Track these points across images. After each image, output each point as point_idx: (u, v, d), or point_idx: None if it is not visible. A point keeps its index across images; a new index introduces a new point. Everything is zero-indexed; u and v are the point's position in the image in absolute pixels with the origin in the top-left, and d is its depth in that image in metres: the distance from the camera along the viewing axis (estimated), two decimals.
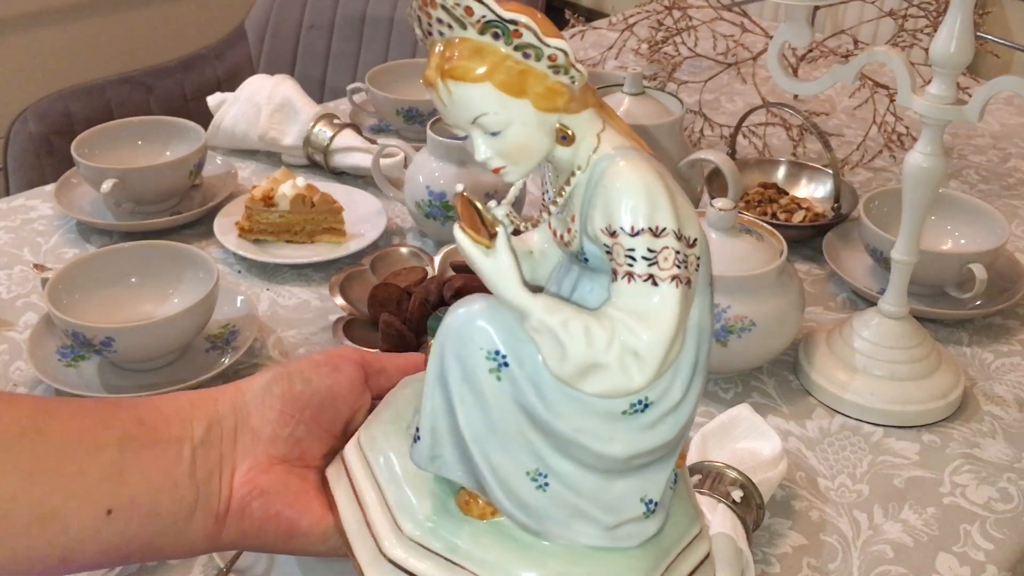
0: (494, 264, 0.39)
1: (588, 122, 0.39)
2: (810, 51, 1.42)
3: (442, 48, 0.38)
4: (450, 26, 0.37)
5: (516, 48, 0.37)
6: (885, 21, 1.43)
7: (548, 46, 0.37)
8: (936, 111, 0.75)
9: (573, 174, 0.39)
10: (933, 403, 0.83)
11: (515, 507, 0.41)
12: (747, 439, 0.74)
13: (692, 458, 0.72)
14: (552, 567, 0.41)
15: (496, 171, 0.39)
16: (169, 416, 0.47)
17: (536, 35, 0.36)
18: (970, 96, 0.75)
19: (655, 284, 0.37)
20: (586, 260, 0.40)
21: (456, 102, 0.38)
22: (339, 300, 0.89)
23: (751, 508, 0.68)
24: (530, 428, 0.40)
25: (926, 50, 0.90)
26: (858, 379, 0.84)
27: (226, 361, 0.85)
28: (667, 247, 0.37)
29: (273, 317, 0.94)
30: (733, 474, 0.69)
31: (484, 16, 0.36)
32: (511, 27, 0.36)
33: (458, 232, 0.39)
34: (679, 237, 0.38)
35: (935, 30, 0.90)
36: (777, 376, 0.88)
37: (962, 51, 0.73)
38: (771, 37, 0.95)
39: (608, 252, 0.38)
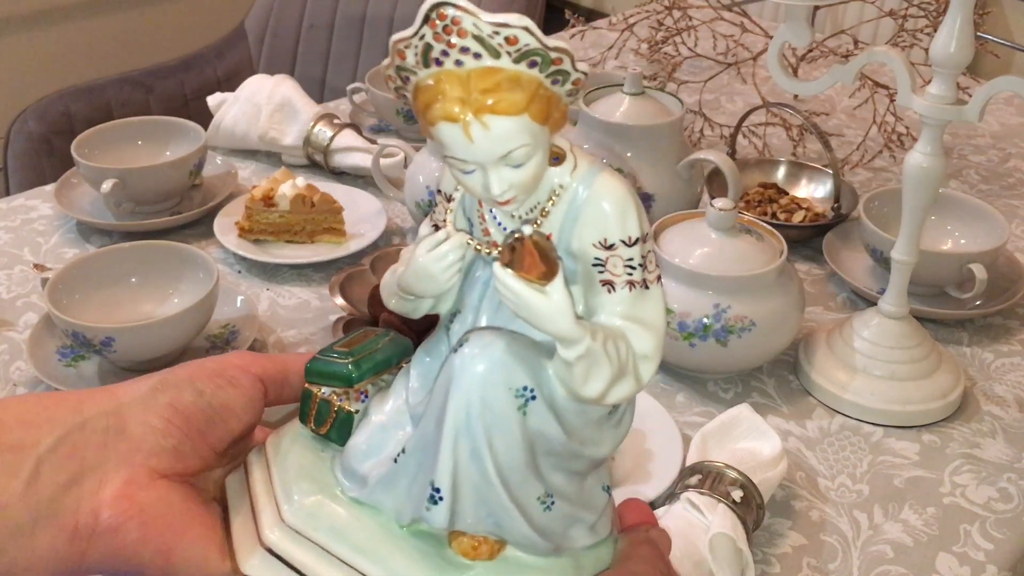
0: (550, 303, 0.37)
1: (562, 140, 0.39)
2: (810, 51, 1.42)
3: (466, 79, 0.35)
4: (477, 55, 0.34)
5: (549, 75, 0.35)
6: (885, 21, 1.43)
7: (577, 71, 0.36)
8: (936, 111, 0.75)
9: (556, 193, 0.39)
10: (933, 403, 0.83)
11: (536, 534, 0.40)
12: (747, 439, 0.74)
13: (692, 458, 0.73)
14: None
15: (506, 203, 0.37)
16: (6, 419, 0.40)
17: (572, 61, 0.35)
18: (970, 96, 0.75)
19: (647, 287, 0.39)
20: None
21: (493, 137, 0.35)
22: (339, 300, 0.89)
23: (751, 508, 0.68)
24: (540, 453, 0.40)
25: (926, 50, 0.90)
26: (858, 379, 0.84)
27: None
28: (650, 251, 0.39)
29: (273, 317, 0.95)
30: (733, 474, 0.69)
31: (527, 45, 0.34)
32: (553, 55, 0.35)
33: (508, 277, 0.36)
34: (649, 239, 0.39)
35: (935, 30, 0.90)
36: (777, 376, 0.88)
37: (962, 51, 0.73)
38: (771, 37, 0.95)
39: (598, 265, 0.39)
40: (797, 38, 0.77)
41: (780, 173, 1.16)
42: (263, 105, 1.20)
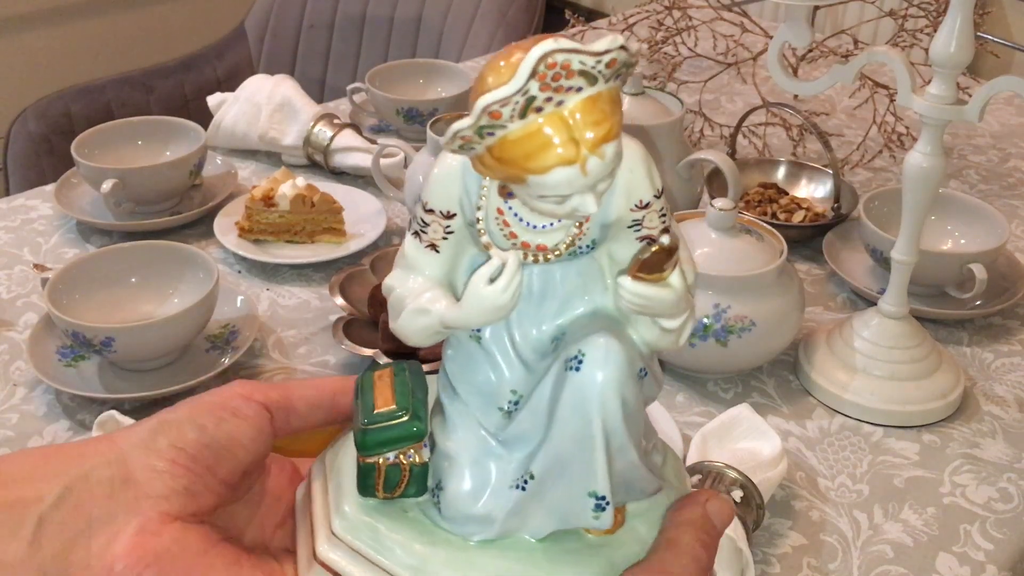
0: (674, 292, 0.38)
1: None
2: (810, 51, 1.42)
3: (568, 117, 0.33)
4: (579, 89, 0.33)
5: (624, 79, 0.35)
6: (885, 21, 1.43)
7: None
8: (936, 111, 0.75)
9: None
10: (933, 403, 0.83)
11: (658, 481, 0.42)
12: (747, 439, 0.74)
13: (692, 458, 0.73)
14: None
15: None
16: (6, 475, 0.39)
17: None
18: (970, 96, 0.75)
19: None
20: (591, 248, 0.40)
21: (608, 164, 0.34)
22: (339, 300, 0.89)
23: (751, 508, 0.68)
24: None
25: (926, 50, 0.90)
26: (858, 379, 0.84)
27: (226, 361, 0.85)
28: None
29: (273, 317, 0.95)
30: (733, 474, 0.69)
31: (621, 62, 0.33)
32: (632, 60, 0.34)
33: (639, 287, 0.38)
34: None
35: (935, 30, 0.90)
36: (777, 376, 0.88)
37: (962, 51, 0.73)
38: (771, 37, 0.95)
39: (635, 225, 0.39)
40: (797, 38, 0.77)
41: (780, 173, 1.16)
42: (263, 105, 1.20)
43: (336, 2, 1.89)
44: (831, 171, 1.09)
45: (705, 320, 0.81)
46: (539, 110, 0.33)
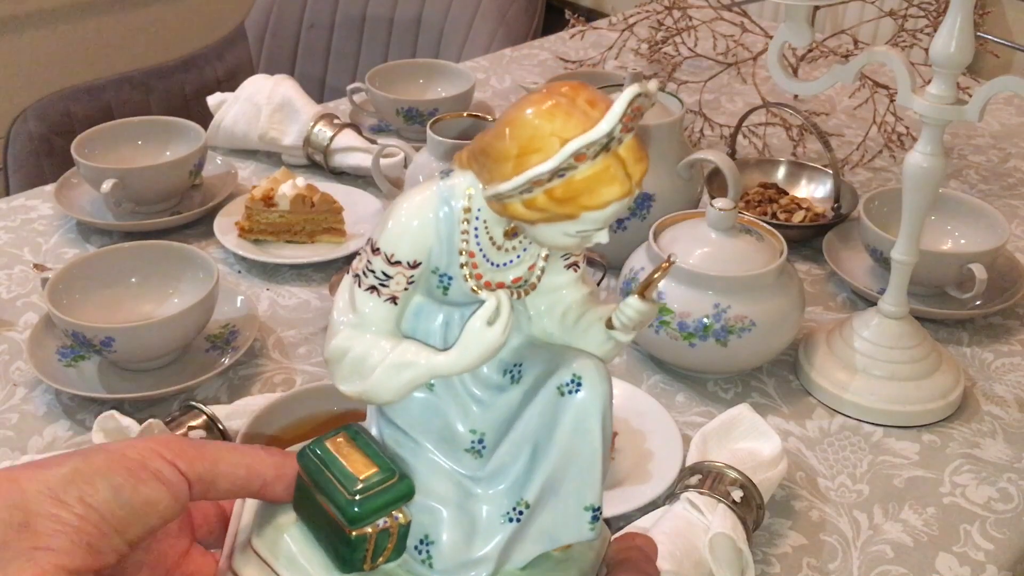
0: (656, 306, 0.42)
1: None
2: (810, 51, 1.42)
3: (620, 154, 0.36)
4: (632, 129, 0.36)
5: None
6: (885, 21, 1.43)
7: None
8: (936, 111, 0.75)
9: None
10: (933, 403, 0.83)
11: None
12: (747, 439, 0.74)
13: (692, 458, 0.73)
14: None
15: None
16: None
17: None
18: (970, 96, 0.75)
19: None
20: (537, 279, 0.42)
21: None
22: None
23: (751, 508, 0.68)
24: None
25: (926, 50, 0.90)
26: (858, 379, 0.84)
27: (226, 361, 0.85)
28: None
29: (273, 317, 0.95)
30: (733, 474, 0.69)
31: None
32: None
33: (644, 304, 0.40)
34: None
35: (935, 30, 0.90)
36: (777, 376, 0.88)
37: (962, 51, 0.73)
38: (771, 37, 0.95)
39: (566, 253, 0.42)
40: (797, 38, 0.77)
41: (780, 173, 1.16)
42: (263, 105, 1.20)
43: (336, 2, 1.89)
44: (831, 171, 1.09)
45: (705, 320, 0.81)
46: (608, 150, 0.35)
